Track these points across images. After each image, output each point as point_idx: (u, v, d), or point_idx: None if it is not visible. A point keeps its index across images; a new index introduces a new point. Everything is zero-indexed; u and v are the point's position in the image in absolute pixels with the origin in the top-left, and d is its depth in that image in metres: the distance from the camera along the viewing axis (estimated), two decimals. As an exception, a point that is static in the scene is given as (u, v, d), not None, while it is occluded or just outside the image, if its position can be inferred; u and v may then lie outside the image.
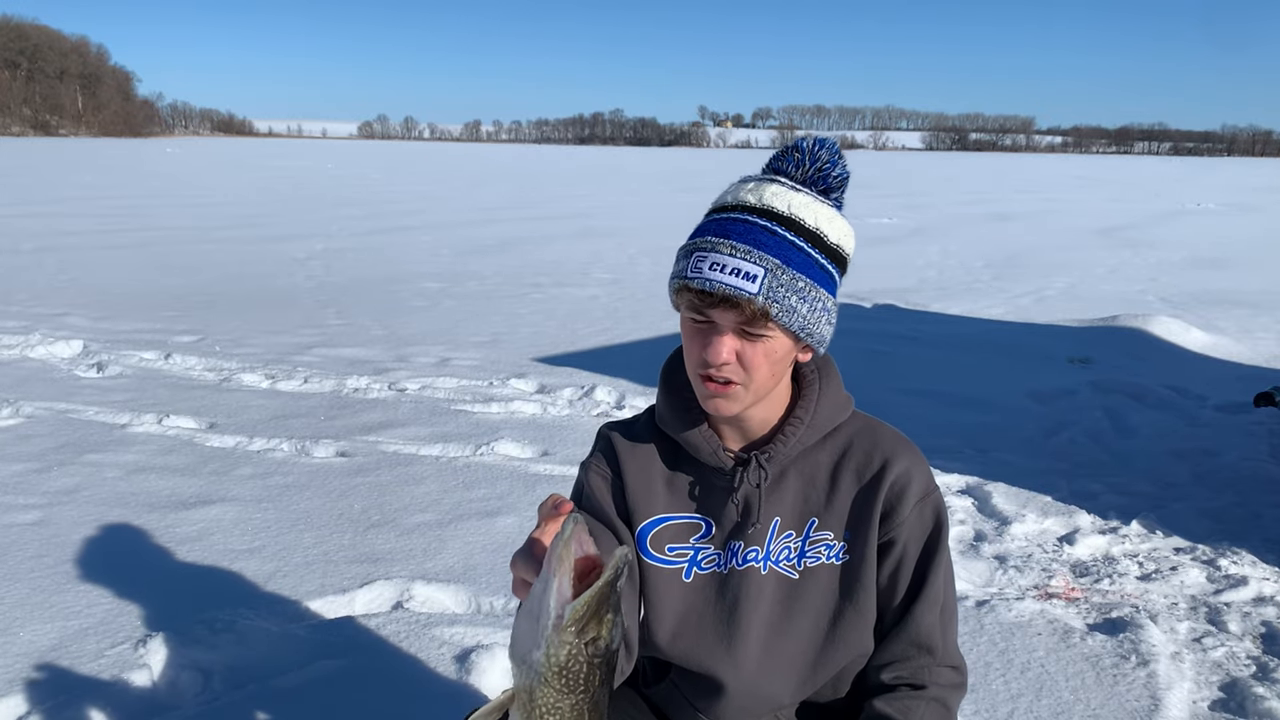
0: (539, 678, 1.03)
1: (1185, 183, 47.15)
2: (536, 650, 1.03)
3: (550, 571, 1.02)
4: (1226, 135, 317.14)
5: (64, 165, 43.93)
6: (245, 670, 2.83)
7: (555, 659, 1.02)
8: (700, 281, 1.28)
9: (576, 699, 1.04)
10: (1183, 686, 2.83)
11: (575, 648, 1.02)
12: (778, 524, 1.44)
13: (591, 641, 1.02)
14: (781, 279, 1.28)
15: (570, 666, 1.02)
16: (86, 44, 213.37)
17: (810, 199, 1.33)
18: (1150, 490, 4.46)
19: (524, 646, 1.05)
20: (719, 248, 1.28)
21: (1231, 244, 16.96)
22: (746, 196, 1.33)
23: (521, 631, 1.06)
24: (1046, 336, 8.22)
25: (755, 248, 1.28)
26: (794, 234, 1.30)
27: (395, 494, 4.31)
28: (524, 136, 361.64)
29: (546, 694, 1.04)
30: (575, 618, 1.01)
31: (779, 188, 1.33)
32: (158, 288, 10.28)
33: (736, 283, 1.26)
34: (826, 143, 1.36)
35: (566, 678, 1.03)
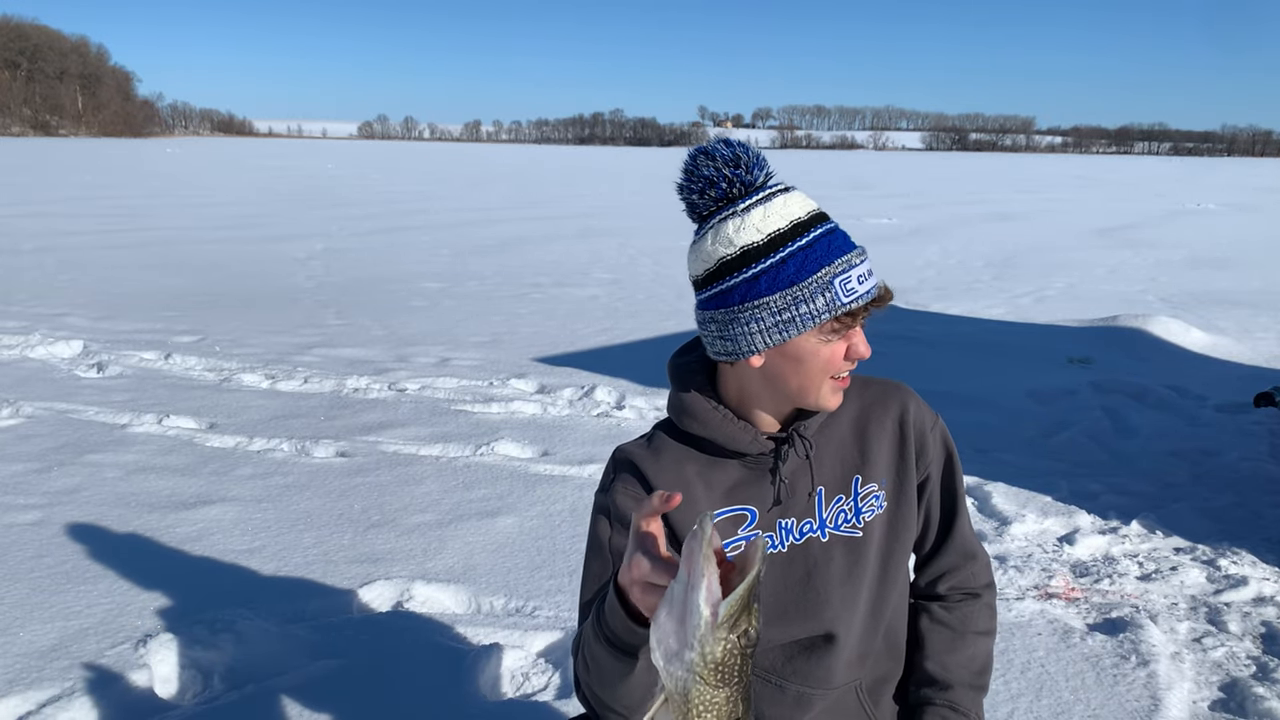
0: (694, 676, 1.04)
1: (1185, 183, 47.15)
2: (689, 651, 1.04)
3: (695, 571, 1.03)
4: (1226, 135, 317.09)
5: (64, 165, 43.93)
6: (245, 670, 2.83)
7: (711, 656, 1.04)
8: (860, 297, 1.33)
9: (731, 690, 1.06)
10: (1183, 686, 2.83)
11: (729, 643, 1.04)
12: (823, 493, 1.47)
13: (744, 634, 1.04)
14: (866, 260, 1.38)
15: (726, 661, 1.04)
16: (86, 44, 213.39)
17: (797, 194, 1.39)
18: (1150, 490, 4.46)
19: (673, 648, 1.06)
20: (853, 260, 1.34)
21: (1231, 244, 16.96)
22: (797, 212, 1.35)
23: (668, 633, 1.06)
24: (1046, 336, 8.22)
25: (855, 244, 1.37)
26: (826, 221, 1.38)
27: (395, 494, 4.31)
28: (524, 136, 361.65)
29: (702, 691, 1.05)
30: (730, 614, 1.02)
31: (791, 193, 1.38)
32: (158, 288, 10.28)
33: (874, 280, 1.36)
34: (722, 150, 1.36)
35: (722, 672, 1.05)
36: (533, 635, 3.07)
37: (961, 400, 5.95)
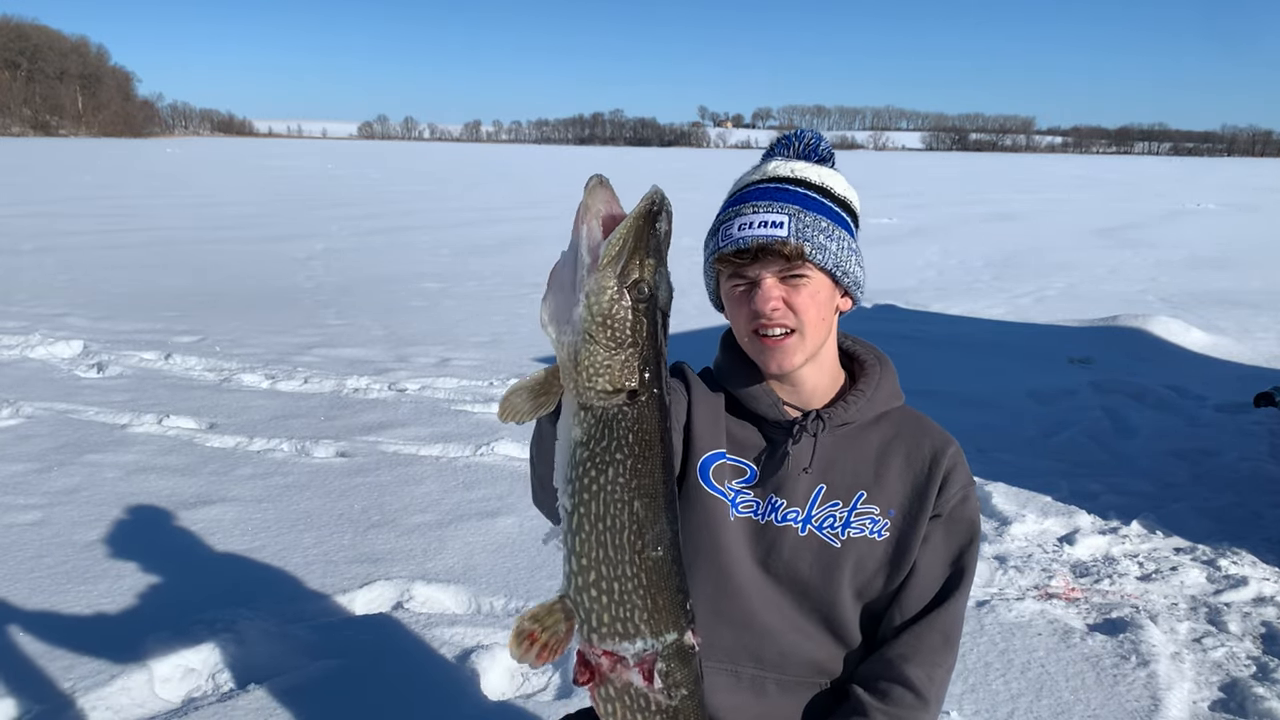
0: (582, 335, 0.96)
1: (1185, 183, 47.15)
2: (576, 306, 0.96)
3: (579, 222, 0.97)
4: (1226, 135, 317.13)
5: (64, 165, 43.94)
6: (245, 670, 2.83)
7: (597, 307, 0.96)
8: (734, 242, 1.40)
9: (626, 354, 0.98)
10: (1183, 686, 2.83)
11: (616, 290, 0.96)
12: (822, 491, 1.48)
13: (634, 285, 0.97)
14: (805, 220, 1.40)
15: (614, 313, 0.97)
16: (86, 44, 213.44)
17: (809, 164, 1.48)
18: (1150, 490, 4.46)
19: (561, 308, 0.98)
20: (742, 211, 1.42)
21: (1231, 244, 16.96)
22: (751, 176, 1.49)
23: (556, 298, 0.99)
24: (1046, 336, 8.22)
25: (775, 200, 1.41)
26: (804, 189, 1.44)
27: (395, 494, 4.31)
28: (524, 136, 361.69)
29: (593, 352, 0.97)
30: (611, 255, 0.96)
31: (778, 161, 1.49)
32: (158, 288, 10.28)
33: (766, 231, 1.38)
34: (807, 130, 1.53)
35: (612, 328, 0.97)
36: (533, 635, 3.07)
37: (961, 400, 5.95)
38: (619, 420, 1.01)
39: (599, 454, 1.02)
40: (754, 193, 1.44)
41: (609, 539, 1.04)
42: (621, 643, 1.06)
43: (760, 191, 1.44)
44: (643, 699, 1.08)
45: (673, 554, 1.08)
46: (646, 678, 1.07)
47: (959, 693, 2.77)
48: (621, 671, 1.07)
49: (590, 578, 1.05)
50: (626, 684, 1.08)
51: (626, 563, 1.05)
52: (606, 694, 1.09)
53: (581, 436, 1.02)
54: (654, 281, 0.99)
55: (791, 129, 1.57)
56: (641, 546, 1.05)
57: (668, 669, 1.07)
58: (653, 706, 1.08)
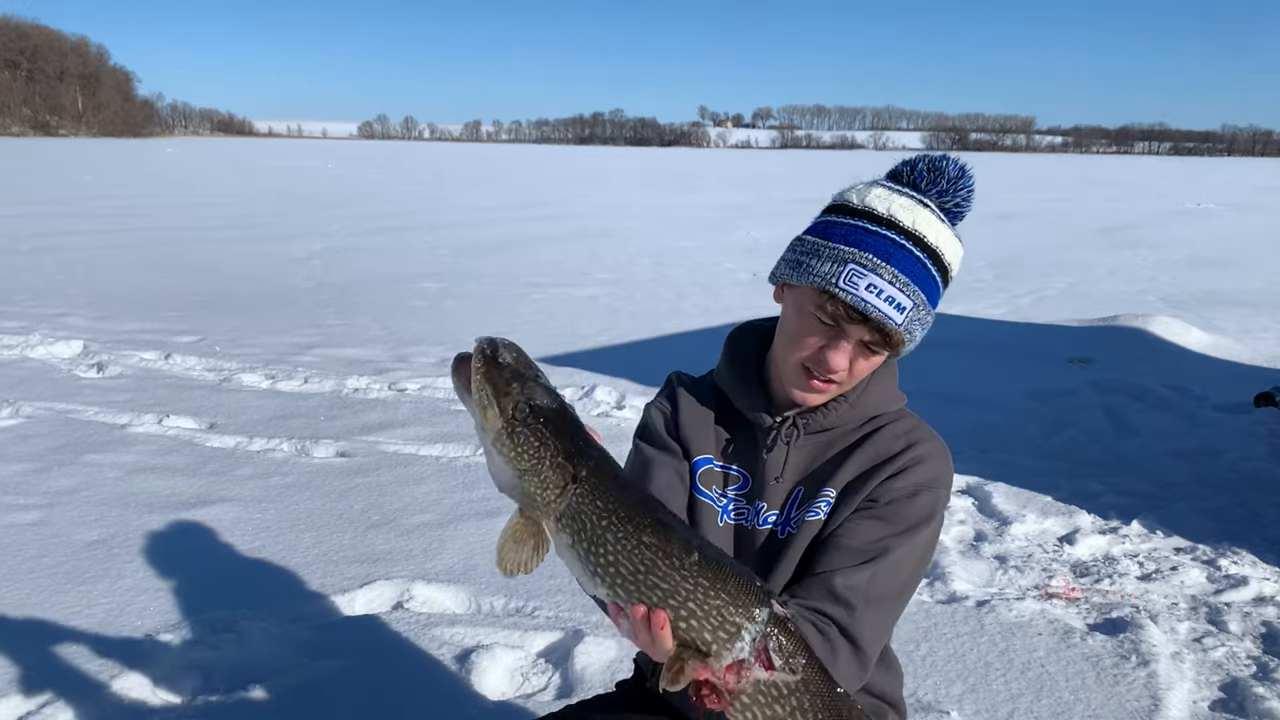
0: (515, 474, 1.12)
1: (1185, 183, 47.15)
2: (494, 460, 1.13)
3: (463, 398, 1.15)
4: (1226, 135, 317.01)
5: (64, 165, 43.93)
6: (245, 670, 2.83)
7: (505, 451, 1.12)
8: (855, 299, 1.33)
9: (549, 461, 1.12)
10: (1183, 686, 2.83)
11: (505, 429, 1.11)
12: (800, 494, 1.50)
13: (512, 417, 1.11)
14: (920, 315, 1.39)
15: (518, 446, 1.11)
16: (86, 44, 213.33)
17: (951, 234, 1.41)
18: (1150, 490, 4.46)
19: (493, 469, 1.15)
20: (879, 270, 1.34)
21: (1231, 244, 16.96)
22: (899, 215, 1.37)
23: (488, 463, 1.16)
24: (1046, 336, 8.22)
25: (911, 281, 1.35)
26: (936, 269, 1.39)
27: (395, 494, 4.31)
28: (524, 136, 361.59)
29: (529, 479, 1.12)
30: (482, 411, 1.12)
31: (930, 215, 1.39)
32: (158, 288, 10.28)
33: (888, 310, 1.34)
34: (966, 174, 1.43)
35: (525, 455, 1.12)
36: (533, 635, 3.07)
37: (961, 400, 5.95)
38: (584, 501, 1.14)
39: (593, 535, 1.13)
40: (898, 253, 1.35)
41: (654, 579, 1.12)
42: (732, 646, 1.10)
43: (903, 256, 1.35)
44: (774, 690, 1.11)
45: (705, 548, 1.15)
46: (767, 665, 1.10)
47: (959, 693, 2.77)
48: (746, 674, 1.10)
49: (677, 604, 1.12)
50: (755, 684, 1.11)
51: (680, 582, 1.12)
52: (743, 705, 1.13)
53: (570, 538, 1.14)
54: (524, 401, 1.13)
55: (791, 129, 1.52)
56: (679, 563, 1.12)
57: (778, 644, 1.11)
58: (785, 691, 1.11)
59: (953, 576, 3.51)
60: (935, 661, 2.94)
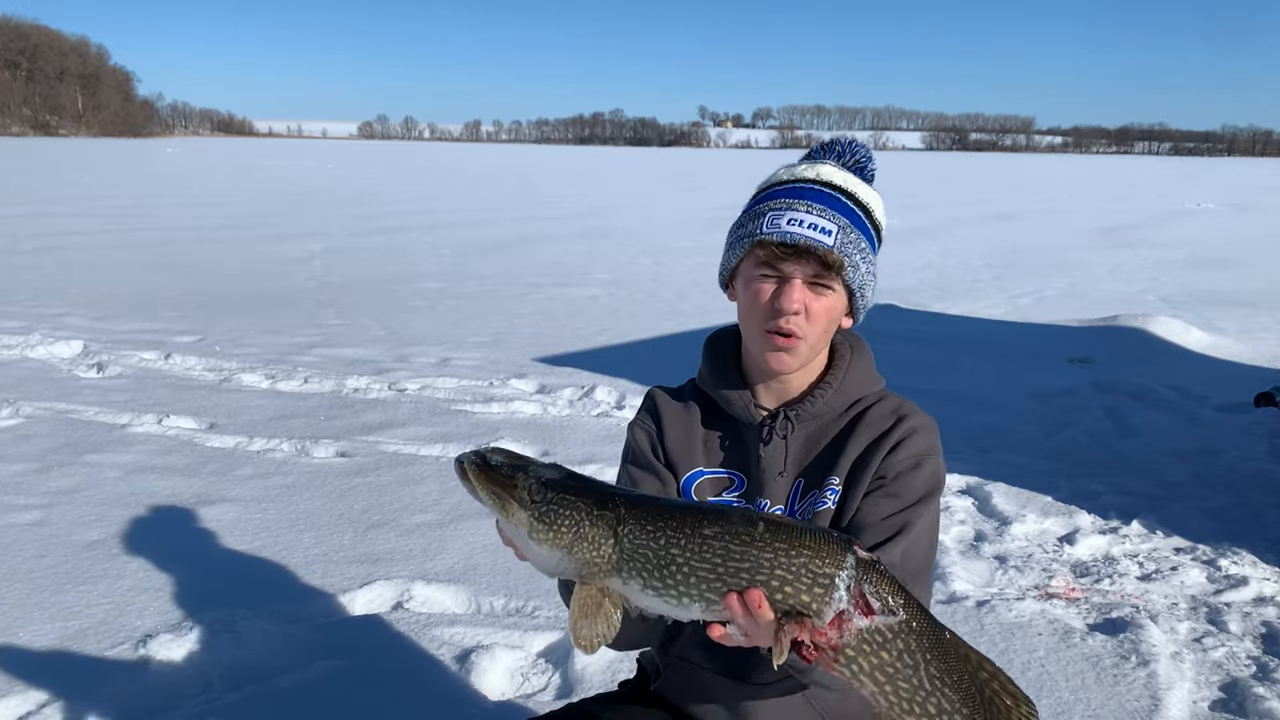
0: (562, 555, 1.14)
1: (1185, 183, 47.15)
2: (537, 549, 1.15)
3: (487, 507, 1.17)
4: (1226, 135, 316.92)
5: (64, 165, 43.93)
6: (245, 670, 2.83)
7: (541, 537, 1.14)
8: (780, 234, 1.41)
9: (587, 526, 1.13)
10: (1183, 686, 2.83)
11: (533, 518, 1.14)
12: (801, 485, 1.51)
13: (532, 505, 1.14)
14: (850, 237, 1.44)
15: (552, 526, 1.14)
16: (86, 44, 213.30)
17: (858, 179, 1.52)
18: (1150, 490, 4.45)
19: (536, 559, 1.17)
20: (795, 206, 1.44)
21: (1231, 244, 16.96)
22: (803, 172, 1.51)
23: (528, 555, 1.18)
24: (1046, 336, 8.22)
25: (828, 207, 1.44)
26: (853, 204, 1.48)
27: (395, 494, 4.31)
28: (524, 136, 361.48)
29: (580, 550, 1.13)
30: (501, 512, 1.15)
31: (830, 167, 1.51)
32: (158, 288, 10.28)
33: (816, 235, 1.41)
34: (858, 142, 1.57)
35: (561, 532, 1.13)
36: (533, 635, 3.07)
37: (961, 400, 5.95)
38: (636, 536, 1.14)
39: (659, 561, 1.14)
40: (808, 191, 1.46)
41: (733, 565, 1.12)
42: (830, 599, 1.08)
43: (814, 193, 1.46)
44: (877, 636, 1.09)
45: (765, 516, 1.15)
46: (866, 611, 1.08)
47: (959, 693, 2.77)
48: (848, 625, 1.09)
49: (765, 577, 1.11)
50: (858, 633, 1.09)
51: (759, 555, 1.11)
52: (849, 659, 1.10)
53: (640, 580, 1.15)
54: (536, 482, 1.15)
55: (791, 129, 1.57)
56: (749, 538, 1.11)
57: (873, 587, 1.09)
58: (889, 635, 1.09)
59: (953, 576, 3.51)
60: (935, 661, 2.94)
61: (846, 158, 1.54)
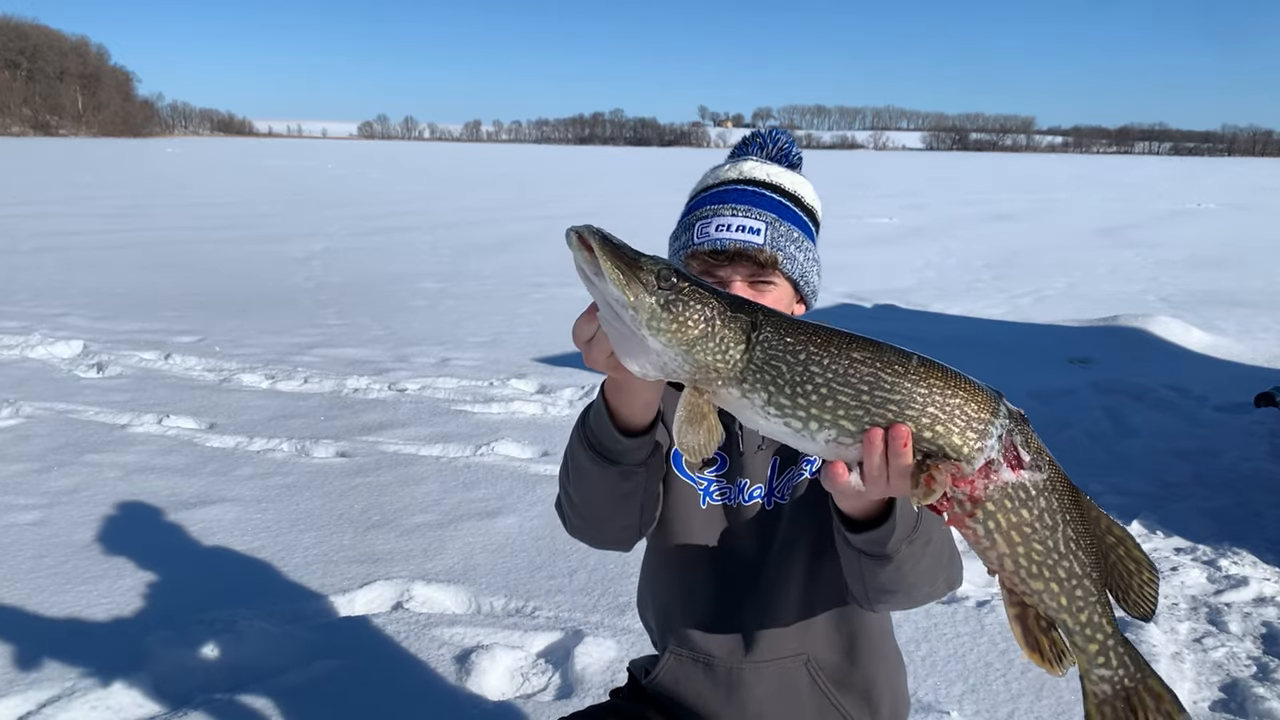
0: (683, 351, 1.01)
1: (1185, 183, 47.15)
2: (654, 342, 1.02)
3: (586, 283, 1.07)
4: (1226, 135, 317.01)
5: (64, 165, 43.93)
6: (245, 670, 2.83)
7: (665, 326, 1.01)
8: (710, 242, 1.43)
9: (717, 318, 1.02)
10: (1183, 687, 2.83)
11: (658, 304, 1.02)
12: (778, 462, 1.53)
13: (659, 289, 1.03)
14: (780, 230, 1.45)
15: (678, 318, 1.02)
16: (86, 44, 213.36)
17: (781, 169, 1.52)
18: (1150, 490, 4.45)
19: (647, 353, 1.04)
20: (720, 212, 1.45)
21: (1231, 244, 16.96)
22: (726, 174, 1.51)
23: (633, 350, 1.06)
24: (1046, 336, 8.22)
25: (753, 206, 1.45)
26: (779, 195, 1.49)
27: (395, 494, 4.31)
28: (524, 136, 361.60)
29: (704, 350, 1.02)
30: (623, 289, 1.03)
31: (753, 163, 1.52)
32: (158, 288, 10.28)
33: (744, 236, 1.42)
34: (780, 129, 1.57)
35: (689, 321, 1.01)
36: (533, 635, 3.07)
37: (961, 400, 5.95)
38: (773, 346, 1.03)
39: (795, 377, 1.02)
40: (731, 194, 1.47)
41: (881, 394, 1.02)
42: (982, 446, 1.02)
43: (738, 194, 1.47)
44: (1020, 492, 1.03)
45: (917, 353, 1.08)
46: (1015, 464, 1.02)
47: (959, 693, 2.77)
48: (994, 477, 1.02)
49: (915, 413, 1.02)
50: (1003, 486, 1.02)
51: (913, 389, 1.03)
52: (987, 513, 1.03)
53: (765, 394, 1.02)
54: (664, 272, 1.05)
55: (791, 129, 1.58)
56: (904, 369, 1.03)
57: (1023, 438, 1.04)
58: (1033, 491, 1.04)
59: (953, 576, 3.51)
60: (936, 662, 2.94)
61: (769, 148, 1.55)
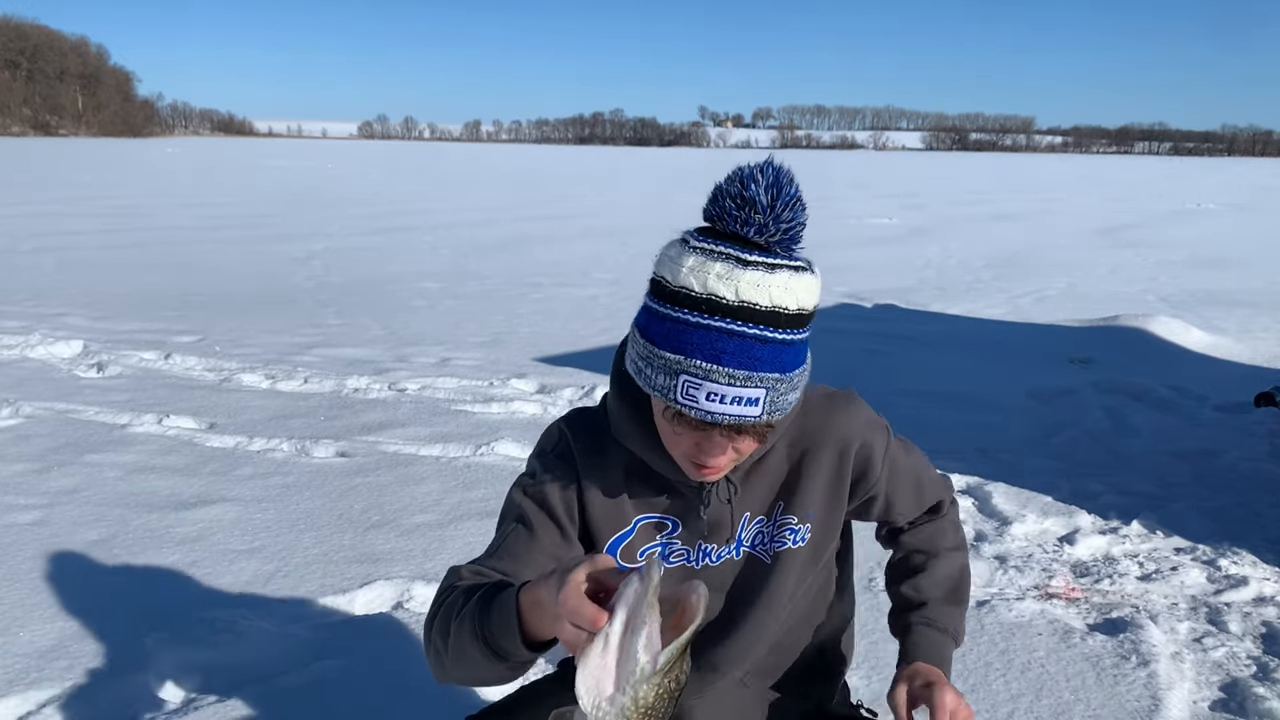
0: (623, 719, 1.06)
1: (1185, 183, 47.14)
2: (622, 695, 1.05)
3: (638, 618, 1.04)
4: (1226, 135, 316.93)
5: (64, 165, 43.92)
6: (245, 670, 2.83)
7: (644, 701, 1.06)
8: (699, 414, 1.19)
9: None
10: (1183, 687, 2.83)
11: (662, 688, 1.06)
12: (747, 518, 1.48)
13: (675, 679, 1.06)
14: (779, 389, 1.20)
15: (656, 705, 1.06)
16: (86, 44, 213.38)
17: (788, 277, 1.18)
18: (1150, 490, 4.45)
19: (607, 690, 1.06)
20: (713, 376, 1.16)
21: (1231, 244, 16.96)
22: (719, 289, 1.16)
23: (602, 675, 1.06)
24: (1046, 336, 8.22)
25: (753, 370, 1.17)
26: (783, 329, 1.18)
27: (395, 494, 4.31)
28: (524, 136, 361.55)
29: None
30: (669, 661, 1.05)
31: (755, 274, 1.16)
32: (158, 288, 10.28)
33: (739, 411, 1.18)
34: (783, 189, 1.18)
35: (651, 715, 1.06)
36: (533, 635, 3.07)
37: (961, 400, 5.95)
38: None
39: None
40: (727, 346, 1.16)
41: None
42: None
43: (736, 346, 1.16)
44: None
45: None
46: None
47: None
48: None
49: None
50: None
51: None
52: None
53: None
54: (687, 672, 1.09)
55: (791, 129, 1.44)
56: None
57: None
58: None
59: (953, 576, 3.51)
60: (935, 661, 2.94)
61: (772, 232, 1.17)
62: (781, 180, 1.18)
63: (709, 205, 1.23)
